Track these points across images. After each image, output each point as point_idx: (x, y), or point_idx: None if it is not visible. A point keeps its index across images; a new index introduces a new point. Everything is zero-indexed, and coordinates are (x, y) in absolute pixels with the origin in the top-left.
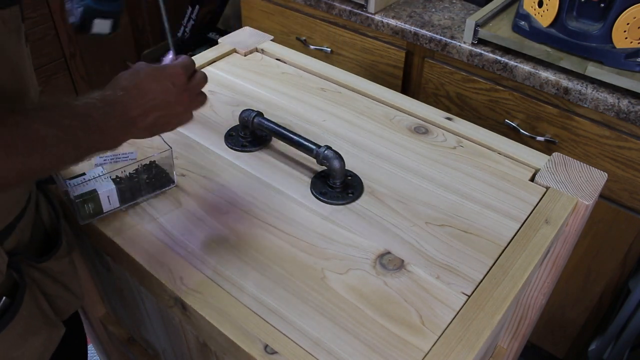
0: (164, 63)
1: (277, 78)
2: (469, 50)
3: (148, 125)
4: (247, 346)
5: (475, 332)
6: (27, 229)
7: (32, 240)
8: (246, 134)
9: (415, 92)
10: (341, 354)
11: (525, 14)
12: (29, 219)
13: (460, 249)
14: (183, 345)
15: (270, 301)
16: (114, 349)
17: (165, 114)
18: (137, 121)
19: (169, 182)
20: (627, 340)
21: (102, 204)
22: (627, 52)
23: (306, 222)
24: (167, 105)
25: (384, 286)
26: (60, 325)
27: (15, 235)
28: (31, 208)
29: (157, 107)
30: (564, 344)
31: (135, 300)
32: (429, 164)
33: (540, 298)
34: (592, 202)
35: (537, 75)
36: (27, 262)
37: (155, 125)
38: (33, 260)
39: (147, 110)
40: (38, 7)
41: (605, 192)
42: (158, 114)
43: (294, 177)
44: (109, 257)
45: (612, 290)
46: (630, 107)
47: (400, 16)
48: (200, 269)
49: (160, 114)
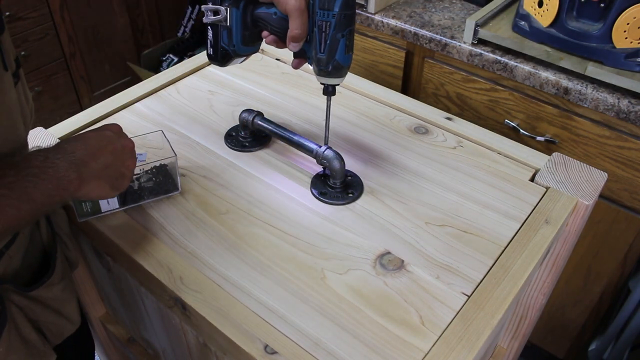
0: None
1: (277, 78)
2: (469, 50)
3: (101, 167)
4: (247, 346)
5: (475, 332)
6: (18, 255)
7: (25, 264)
8: (246, 134)
9: (415, 92)
10: (341, 354)
11: (525, 14)
12: (20, 244)
13: (460, 249)
14: (183, 345)
15: (270, 301)
16: (114, 349)
17: (114, 157)
18: (87, 160)
19: (173, 189)
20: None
21: (101, 204)
22: (627, 52)
23: (306, 222)
24: (113, 147)
25: (384, 286)
26: (50, 354)
27: (3, 262)
28: (24, 232)
29: (103, 148)
30: (564, 344)
31: (135, 300)
32: (429, 164)
33: (540, 298)
34: (592, 202)
35: (537, 75)
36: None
37: (107, 168)
38: (20, 289)
39: (94, 151)
40: (38, 7)
41: (605, 192)
42: (107, 156)
43: (294, 177)
44: (109, 257)
45: (612, 290)
46: (630, 107)
47: (400, 16)
48: (200, 269)
49: (108, 156)
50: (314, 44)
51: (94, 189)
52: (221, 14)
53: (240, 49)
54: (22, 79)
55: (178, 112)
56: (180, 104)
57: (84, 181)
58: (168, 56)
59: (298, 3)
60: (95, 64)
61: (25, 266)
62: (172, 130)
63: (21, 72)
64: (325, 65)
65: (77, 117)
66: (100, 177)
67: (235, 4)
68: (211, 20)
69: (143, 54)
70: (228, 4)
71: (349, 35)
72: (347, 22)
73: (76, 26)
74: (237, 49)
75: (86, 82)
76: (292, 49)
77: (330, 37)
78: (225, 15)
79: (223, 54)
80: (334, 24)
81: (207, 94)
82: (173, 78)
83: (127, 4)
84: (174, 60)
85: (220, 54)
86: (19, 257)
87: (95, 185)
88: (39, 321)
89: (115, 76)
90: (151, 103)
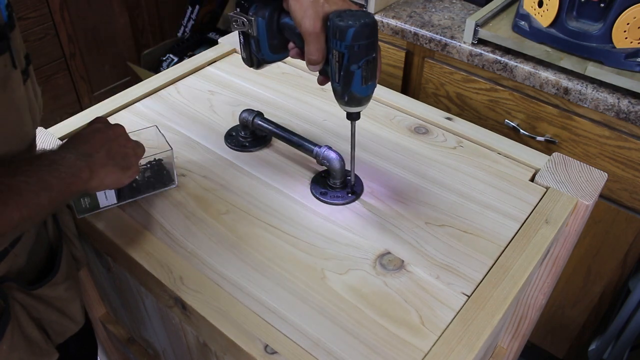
0: None
1: (277, 78)
2: (469, 50)
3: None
4: (247, 346)
5: (475, 332)
6: (23, 253)
7: (30, 263)
8: (246, 134)
9: (415, 92)
10: (341, 354)
11: (525, 14)
12: (26, 243)
13: (460, 249)
14: (183, 345)
15: (270, 301)
16: (114, 349)
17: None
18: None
19: (169, 182)
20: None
21: (99, 199)
22: (627, 52)
23: (306, 222)
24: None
25: (384, 286)
26: (52, 353)
27: (8, 260)
28: (30, 231)
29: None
30: (564, 344)
31: (135, 300)
32: (429, 164)
33: (540, 298)
34: (592, 202)
35: (537, 75)
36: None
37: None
38: (24, 288)
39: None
40: (38, 7)
41: (605, 192)
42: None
43: (294, 177)
44: (109, 257)
45: (612, 290)
46: (630, 107)
47: (400, 16)
48: (200, 269)
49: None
50: (330, 70)
51: (107, 175)
52: (246, 25)
53: (269, 57)
54: (31, 76)
55: (178, 112)
56: (180, 104)
57: (94, 171)
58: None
59: (312, 27)
60: (95, 64)
61: (30, 265)
62: (172, 130)
63: (31, 69)
64: (341, 96)
65: (77, 117)
66: (106, 164)
67: (260, 14)
68: (237, 29)
69: (143, 54)
70: (253, 13)
71: (367, 65)
72: (363, 53)
73: (76, 26)
74: (265, 57)
75: (86, 82)
76: (311, 70)
77: (344, 68)
78: (251, 25)
79: (255, 60)
80: (347, 55)
81: (207, 94)
82: (173, 78)
83: (127, 4)
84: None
85: (252, 60)
86: (24, 256)
87: (105, 173)
88: (42, 320)
89: (115, 76)
90: (151, 103)
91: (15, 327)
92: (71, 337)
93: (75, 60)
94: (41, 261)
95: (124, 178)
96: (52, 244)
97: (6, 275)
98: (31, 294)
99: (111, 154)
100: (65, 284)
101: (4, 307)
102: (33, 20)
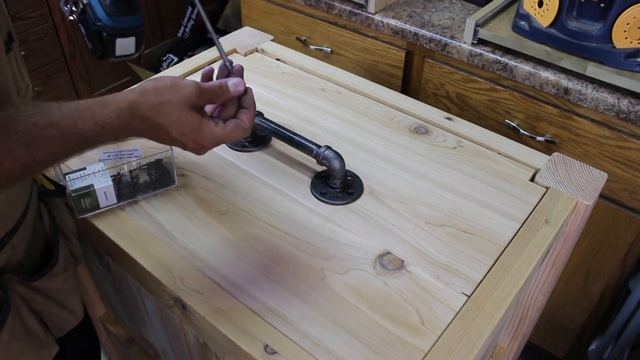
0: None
1: (277, 78)
2: (469, 50)
3: (167, 139)
4: (247, 346)
5: (475, 332)
6: (21, 245)
7: (28, 255)
8: None
9: (415, 92)
10: (341, 354)
11: (525, 14)
12: (23, 234)
13: (460, 249)
14: (183, 345)
15: (270, 301)
16: (114, 349)
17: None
18: (163, 136)
19: (169, 182)
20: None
21: (99, 199)
22: (627, 52)
23: (306, 222)
24: (194, 149)
25: (384, 286)
26: (52, 345)
27: (6, 252)
28: (27, 223)
29: (192, 148)
30: (564, 344)
31: (135, 300)
32: (429, 164)
33: (540, 298)
34: (592, 202)
35: (537, 75)
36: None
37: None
38: (23, 279)
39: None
40: (38, 7)
41: (605, 192)
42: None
43: (294, 177)
44: (109, 257)
45: (612, 290)
46: (630, 107)
47: (400, 16)
48: (200, 269)
49: (191, 147)
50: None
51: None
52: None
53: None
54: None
55: None
56: None
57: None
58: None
59: None
60: (95, 64)
61: (28, 257)
62: None
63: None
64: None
65: None
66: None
67: None
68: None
69: (143, 54)
70: None
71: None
72: None
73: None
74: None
75: (86, 82)
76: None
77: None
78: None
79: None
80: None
81: None
82: None
83: None
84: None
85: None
86: (22, 248)
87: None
88: (42, 312)
89: (115, 76)
90: None
91: (15, 318)
92: (71, 333)
93: (75, 60)
94: (39, 254)
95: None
96: (48, 238)
97: (5, 267)
98: (30, 286)
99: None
100: (64, 275)
101: (4, 298)
102: (33, 20)
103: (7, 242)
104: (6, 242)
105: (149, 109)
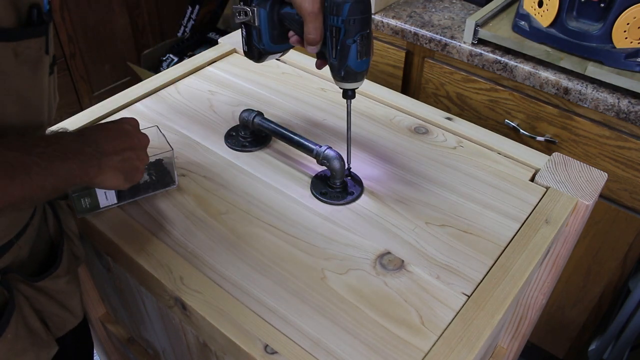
0: None
1: (277, 78)
2: (469, 50)
3: (119, 160)
4: (247, 346)
5: (475, 332)
6: (26, 246)
7: (32, 256)
8: (246, 134)
9: (415, 92)
10: (341, 354)
11: (525, 14)
12: (29, 235)
13: (460, 249)
14: (183, 345)
15: (270, 301)
16: (114, 349)
17: (131, 152)
18: (109, 152)
19: (170, 183)
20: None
21: (99, 199)
22: (627, 52)
23: (306, 222)
24: (131, 142)
25: (384, 286)
26: (52, 345)
27: (12, 252)
28: (34, 224)
29: (123, 142)
30: (564, 344)
31: (135, 300)
32: (429, 164)
33: (540, 298)
34: (592, 202)
35: (537, 75)
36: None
37: (125, 162)
38: (27, 279)
39: (115, 144)
40: None
41: (605, 192)
42: (126, 151)
43: (294, 177)
44: (109, 257)
45: (612, 290)
46: (630, 107)
47: (400, 16)
48: (200, 269)
49: (127, 151)
50: (327, 49)
51: (110, 178)
52: (249, 15)
53: (270, 47)
54: (55, 76)
55: (178, 112)
56: (180, 104)
57: (102, 172)
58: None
59: (311, 7)
60: (95, 64)
61: (32, 258)
62: (172, 130)
63: (55, 69)
64: (338, 71)
65: (77, 117)
66: (117, 169)
67: (262, 4)
68: (240, 21)
69: (143, 54)
70: (255, 4)
71: (362, 40)
72: (358, 28)
73: (76, 26)
74: (267, 48)
75: (86, 82)
76: (310, 51)
77: (340, 43)
78: (253, 16)
79: (256, 51)
80: (344, 29)
81: (207, 94)
82: (173, 78)
83: (127, 4)
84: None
85: (253, 51)
86: (27, 249)
87: (111, 176)
88: (44, 312)
89: (115, 76)
90: (151, 103)
91: (19, 318)
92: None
93: (75, 60)
94: (42, 255)
95: (123, 186)
96: (52, 240)
97: (10, 266)
98: (34, 286)
99: (125, 162)
100: (66, 277)
101: (9, 297)
102: None
103: (15, 242)
104: (14, 242)
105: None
